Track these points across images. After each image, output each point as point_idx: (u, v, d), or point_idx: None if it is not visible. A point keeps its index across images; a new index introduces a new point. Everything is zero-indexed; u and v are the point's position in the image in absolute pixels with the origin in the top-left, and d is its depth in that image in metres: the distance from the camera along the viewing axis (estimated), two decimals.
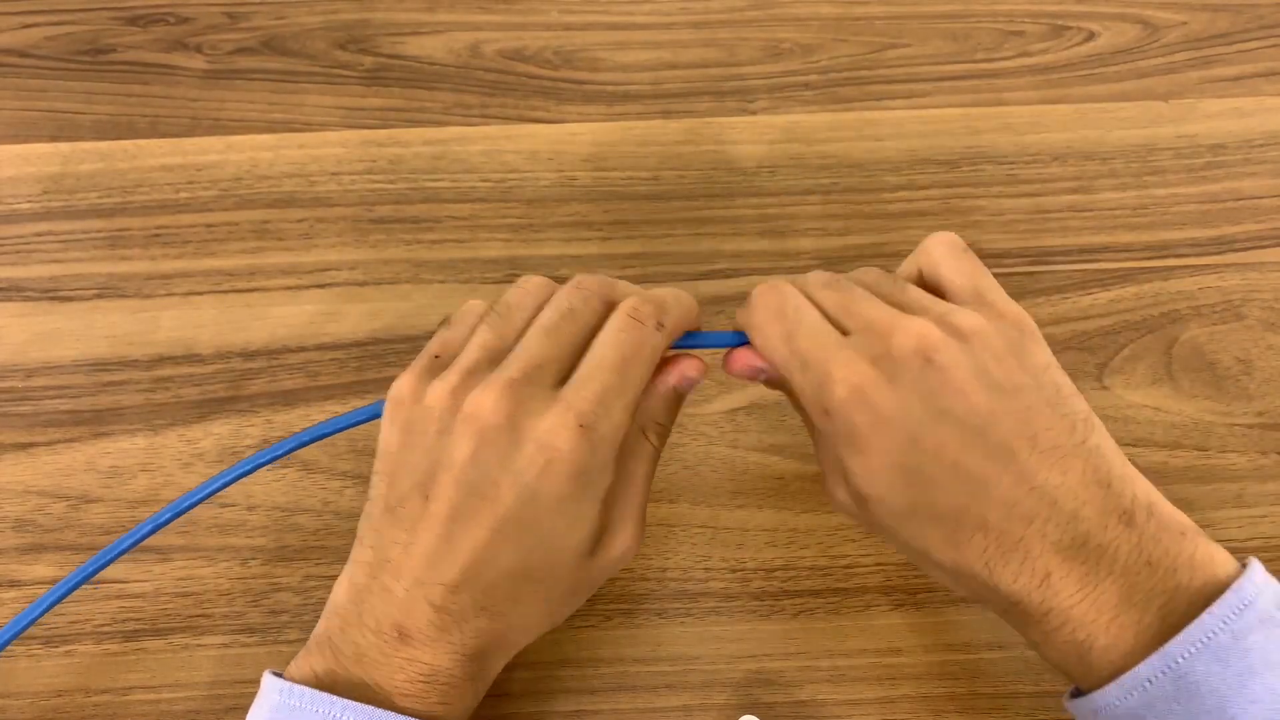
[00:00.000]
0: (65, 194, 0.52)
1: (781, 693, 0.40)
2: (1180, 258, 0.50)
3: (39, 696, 0.40)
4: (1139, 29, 0.58)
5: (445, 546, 0.31)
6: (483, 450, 0.31)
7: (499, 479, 0.31)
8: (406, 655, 0.32)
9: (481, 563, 0.31)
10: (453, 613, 0.32)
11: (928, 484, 0.31)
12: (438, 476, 0.32)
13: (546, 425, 0.31)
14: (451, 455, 0.31)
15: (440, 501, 0.31)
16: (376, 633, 0.32)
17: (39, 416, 0.46)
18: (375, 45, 0.57)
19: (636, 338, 0.33)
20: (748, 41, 0.58)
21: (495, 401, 0.31)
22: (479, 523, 0.31)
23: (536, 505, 0.31)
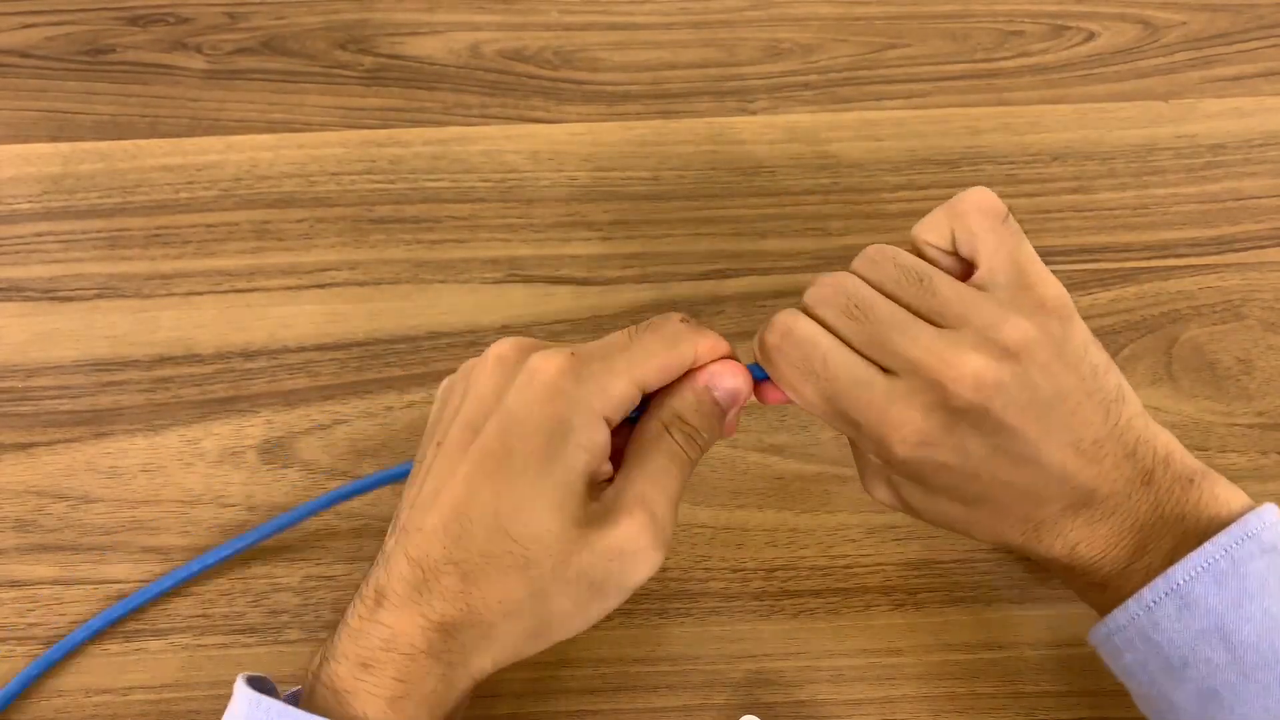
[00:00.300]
0: (65, 194, 0.52)
1: (781, 693, 0.40)
2: (1180, 258, 0.50)
3: (39, 697, 0.40)
4: (1139, 29, 0.58)
5: (434, 488, 0.31)
6: (490, 382, 0.32)
7: (491, 409, 0.31)
8: (376, 619, 0.31)
9: (456, 500, 0.30)
10: (425, 566, 0.30)
11: (980, 501, 0.33)
12: (451, 419, 0.32)
13: (541, 353, 0.32)
14: (467, 394, 0.32)
15: (447, 442, 0.32)
16: (363, 598, 0.31)
17: (39, 416, 0.46)
18: (375, 45, 0.57)
19: (655, 320, 0.34)
20: (748, 41, 0.58)
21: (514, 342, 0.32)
22: (464, 456, 0.31)
23: (512, 433, 0.31)
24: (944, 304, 0.32)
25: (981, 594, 0.42)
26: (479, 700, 0.40)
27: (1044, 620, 0.42)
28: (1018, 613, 0.42)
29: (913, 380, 0.31)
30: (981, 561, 0.43)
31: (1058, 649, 0.41)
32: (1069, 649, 0.41)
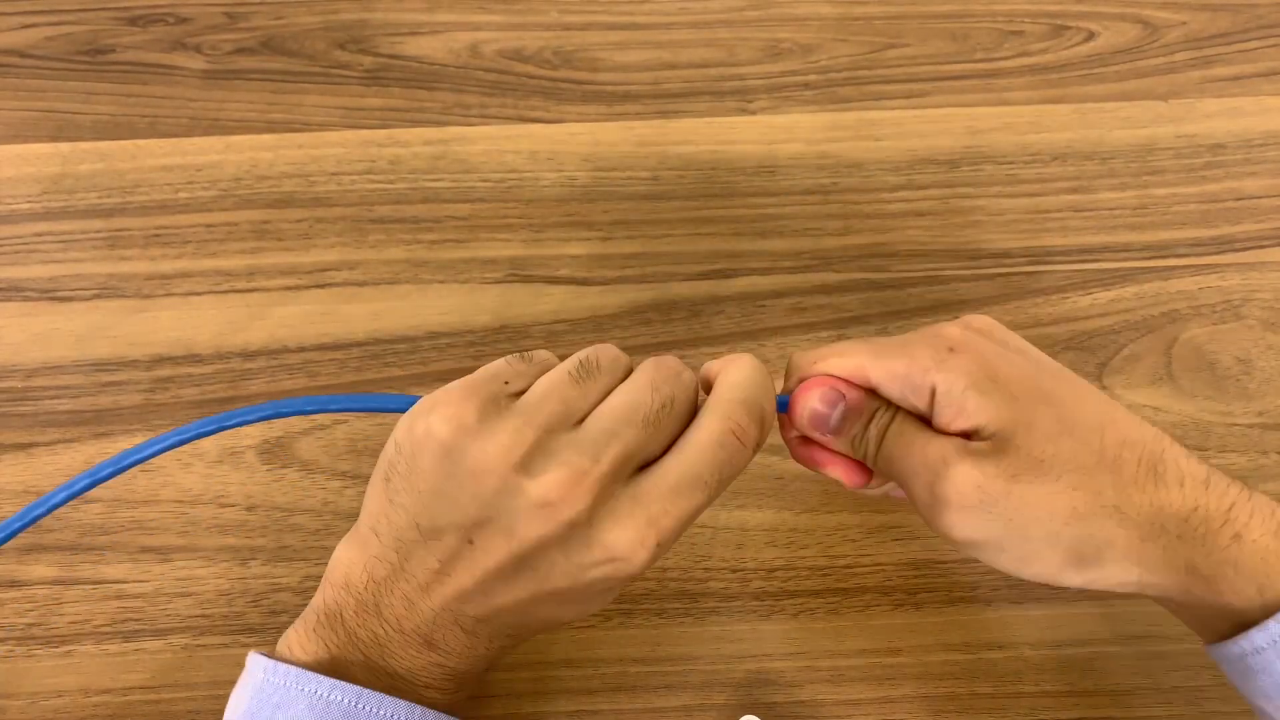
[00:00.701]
0: (65, 194, 0.52)
1: (781, 693, 0.40)
2: (1180, 258, 0.50)
3: (38, 697, 0.40)
4: (1139, 29, 0.58)
5: (482, 591, 0.31)
6: (550, 537, 0.30)
7: (557, 563, 0.30)
8: (431, 660, 0.32)
9: (517, 611, 0.32)
10: (481, 635, 0.32)
11: (1068, 400, 0.33)
12: (490, 532, 0.30)
13: (626, 540, 0.30)
14: (513, 524, 0.30)
15: (487, 555, 0.30)
16: (400, 633, 0.31)
17: (39, 416, 0.46)
18: (375, 45, 0.57)
19: (736, 460, 0.32)
20: (747, 41, 0.58)
21: (581, 498, 0.29)
22: (523, 587, 0.31)
23: (587, 592, 0.31)
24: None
25: (981, 594, 0.42)
26: (479, 700, 0.40)
27: (1044, 620, 0.42)
28: (1018, 613, 0.42)
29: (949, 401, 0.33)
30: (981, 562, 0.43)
31: (1058, 649, 0.41)
32: (1069, 649, 0.41)
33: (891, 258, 0.50)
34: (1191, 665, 0.41)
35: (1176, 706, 0.40)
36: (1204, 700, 0.40)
